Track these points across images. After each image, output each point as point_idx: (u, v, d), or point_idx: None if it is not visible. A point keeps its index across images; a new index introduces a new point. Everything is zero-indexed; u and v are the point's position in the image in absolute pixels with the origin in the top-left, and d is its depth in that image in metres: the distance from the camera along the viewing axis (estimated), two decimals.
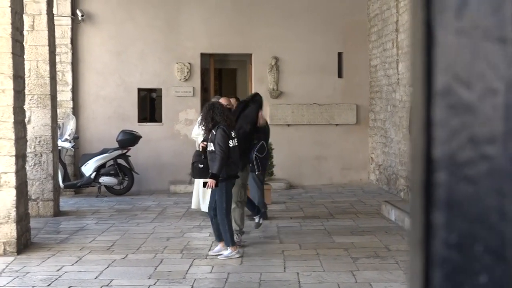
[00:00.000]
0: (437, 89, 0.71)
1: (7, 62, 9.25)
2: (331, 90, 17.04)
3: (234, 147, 9.01)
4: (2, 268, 8.52)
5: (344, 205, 13.60)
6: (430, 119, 0.71)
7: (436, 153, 0.73)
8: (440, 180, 0.73)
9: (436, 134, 0.71)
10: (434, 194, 0.73)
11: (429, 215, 0.73)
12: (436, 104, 0.71)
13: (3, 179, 9.23)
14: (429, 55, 0.72)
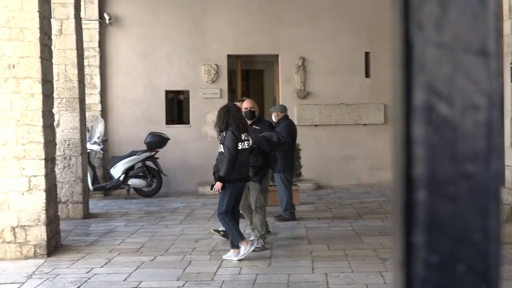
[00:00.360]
0: (417, 105, 0.69)
1: (35, 67, 9.34)
2: (359, 90, 16.96)
3: (244, 150, 8.95)
4: (33, 271, 8.60)
5: (372, 205, 13.52)
6: (410, 136, 0.69)
7: (416, 171, 0.70)
8: (420, 198, 0.71)
9: (416, 151, 0.69)
10: (414, 213, 0.71)
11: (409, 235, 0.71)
12: (415, 121, 0.69)
13: (33, 182, 9.31)
14: (408, 69, 0.70)
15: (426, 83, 0.69)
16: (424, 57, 0.70)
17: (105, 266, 8.81)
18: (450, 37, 0.70)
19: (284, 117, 12.01)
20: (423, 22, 0.70)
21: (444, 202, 0.70)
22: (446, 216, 0.69)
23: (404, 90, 0.70)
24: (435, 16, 0.70)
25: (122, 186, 15.20)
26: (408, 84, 0.70)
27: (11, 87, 9.27)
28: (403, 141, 0.70)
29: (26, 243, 9.28)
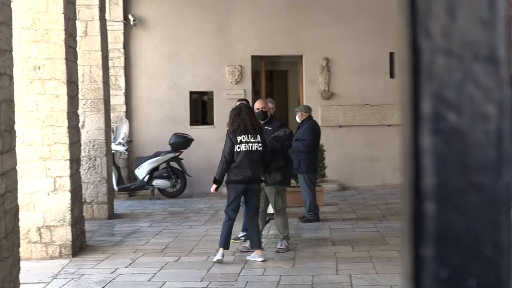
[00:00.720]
0: (425, 114, 0.67)
1: (61, 68, 9.41)
2: (383, 90, 16.86)
3: (241, 152, 8.89)
4: (58, 271, 8.66)
5: (397, 206, 13.44)
6: (418, 146, 0.67)
7: (425, 182, 0.68)
8: (429, 211, 0.68)
9: (424, 162, 0.67)
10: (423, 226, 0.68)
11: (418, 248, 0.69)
12: (424, 131, 0.67)
13: (58, 182, 9.38)
14: (416, 77, 0.68)
15: (435, 91, 0.67)
16: (432, 65, 0.68)
17: (129, 266, 8.85)
18: (459, 44, 0.67)
19: (308, 117, 11.98)
20: (431, 29, 0.68)
21: (454, 214, 0.68)
22: (456, 229, 0.67)
23: (412, 98, 0.68)
24: (443, 23, 0.68)
25: (147, 187, 15.25)
26: (416, 93, 0.68)
27: (37, 89, 9.35)
28: (411, 151, 0.68)
29: (52, 243, 9.35)
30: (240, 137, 8.89)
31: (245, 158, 8.87)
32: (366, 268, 8.41)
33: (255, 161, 8.94)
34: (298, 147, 11.75)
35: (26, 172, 9.27)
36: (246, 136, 8.89)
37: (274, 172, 9.35)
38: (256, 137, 8.95)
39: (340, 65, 16.75)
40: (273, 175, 9.36)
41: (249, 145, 8.90)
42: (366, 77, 16.76)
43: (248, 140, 8.90)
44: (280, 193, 9.57)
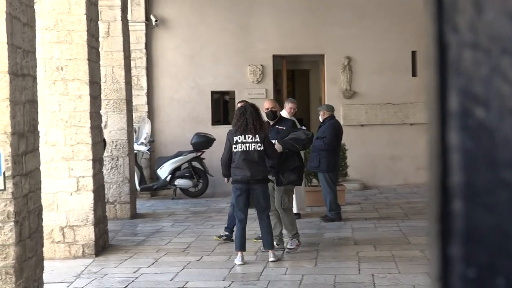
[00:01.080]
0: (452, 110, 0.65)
1: (83, 69, 9.46)
2: (405, 89, 16.78)
3: (237, 152, 8.83)
4: (81, 270, 8.71)
5: (420, 205, 13.37)
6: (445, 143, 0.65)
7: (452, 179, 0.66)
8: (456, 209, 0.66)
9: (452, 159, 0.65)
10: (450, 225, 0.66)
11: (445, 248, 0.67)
12: (451, 127, 0.65)
13: (81, 182, 9.43)
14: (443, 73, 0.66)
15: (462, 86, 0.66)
16: (459, 59, 0.66)
17: (152, 266, 8.88)
18: (486, 38, 0.66)
19: (330, 116, 11.95)
20: (457, 23, 0.66)
21: (482, 212, 0.66)
22: (484, 227, 0.65)
23: (439, 94, 0.66)
24: (470, 17, 0.66)
25: (169, 187, 15.29)
26: (442, 88, 0.66)
27: (60, 89, 9.41)
28: (438, 149, 0.66)
29: (75, 243, 9.40)
30: (236, 137, 8.84)
31: (241, 158, 8.80)
32: (388, 267, 8.37)
33: (253, 161, 8.81)
34: (318, 145, 11.72)
35: (49, 172, 9.33)
36: (243, 136, 8.80)
37: (288, 172, 9.25)
38: (255, 137, 8.81)
39: (362, 64, 16.68)
40: (287, 174, 9.25)
41: (245, 145, 8.81)
42: (388, 76, 16.68)
43: (244, 140, 8.80)
44: (288, 192, 9.49)
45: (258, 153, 8.83)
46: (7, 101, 5.98)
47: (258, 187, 8.87)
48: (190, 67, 16.54)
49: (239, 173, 8.83)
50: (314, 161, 11.84)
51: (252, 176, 8.80)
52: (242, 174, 8.80)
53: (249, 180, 8.81)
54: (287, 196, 9.42)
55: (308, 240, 10.24)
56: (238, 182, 8.86)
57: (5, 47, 5.96)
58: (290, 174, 9.24)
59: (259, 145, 8.83)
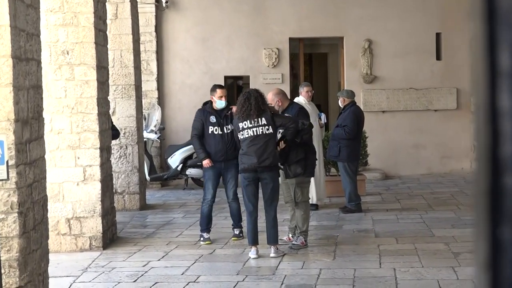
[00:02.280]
0: (503, 68, 0.58)
1: (90, 52, 9.44)
2: (429, 73, 16.68)
3: (246, 138, 8.74)
4: (88, 264, 8.72)
5: (444, 196, 13.32)
6: (495, 108, 0.58)
7: (504, 150, 0.59)
8: (509, 184, 0.60)
9: (503, 126, 0.58)
10: (501, 203, 0.60)
11: (495, 230, 0.61)
12: (502, 88, 0.58)
13: (88, 172, 9.44)
14: (491, 25, 0.59)
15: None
16: (509, 9, 0.59)
17: (162, 259, 8.88)
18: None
19: (351, 103, 11.88)
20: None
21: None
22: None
23: (487, 51, 0.59)
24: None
25: (180, 176, 15.29)
26: (491, 44, 0.59)
27: (65, 74, 9.40)
28: (487, 114, 0.59)
29: (81, 235, 9.42)
30: (242, 124, 8.76)
31: (250, 144, 8.71)
32: (411, 261, 8.33)
33: (262, 146, 8.69)
34: (339, 134, 11.67)
35: (54, 161, 9.35)
36: (248, 121, 8.71)
37: (294, 165, 9.13)
38: (260, 120, 8.70)
39: (383, 47, 16.59)
40: (293, 167, 9.12)
41: (253, 130, 8.71)
42: (411, 60, 16.58)
43: (251, 125, 8.70)
44: (300, 185, 9.24)
45: (267, 137, 8.71)
46: (10, 87, 5.97)
47: (267, 176, 8.76)
48: (202, 51, 16.50)
49: (246, 160, 8.74)
50: (334, 149, 11.79)
51: (260, 163, 8.67)
52: (249, 161, 8.71)
53: (256, 167, 8.70)
54: (299, 189, 9.25)
55: (327, 233, 10.21)
56: (246, 171, 8.79)
57: (8, 29, 5.94)
58: (296, 167, 9.12)
59: (266, 128, 8.71)
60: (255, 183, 8.85)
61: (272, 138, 8.78)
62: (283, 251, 8.95)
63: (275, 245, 8.86)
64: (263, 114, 8.72)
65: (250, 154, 8.69)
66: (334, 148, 11.78)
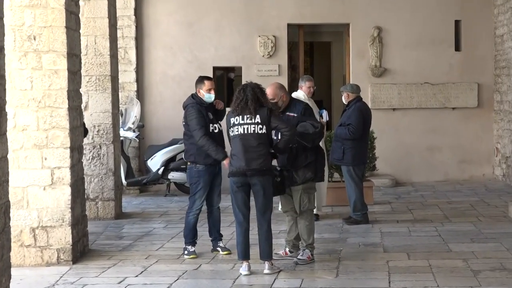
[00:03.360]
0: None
1: (60, 38, 9.43)
2: (447, 66, 16.72)
3: (235, 137, 8.71)
4: (56, 280, 8.71)
5: (462, 206, 13.34)
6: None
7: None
8: None
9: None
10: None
11: None
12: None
13: (56, 175, 9.43)
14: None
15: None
16: None
17: (140, 275, 8.88)
18: None
19: (356, 98, 11.90)
20: None
21: None
22: None
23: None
24: None
25: (161, 181, 15.29)
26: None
27: (32, 63, 9.38)
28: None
29: (48, 247, 9.41)
30: (233, 119, 8.72)
31: (238, 145, 8.65)
32: (424, 280, 8.35)
33: (249, 147, 8.63)
34: (342, 134, 11.68)
35: (18, 162, 9.33)
36: (241, 117, 8.67)
37: (302, 169, 9.12)
38: (254, 117, 8.63)
39: (395, 36, 16.62)
40: (301, 172, 9.11)
41: (243, 127, 8.66)
42: (426, 50, 16.62)
43: (242, 121, 8.66)
44: (308, 190, 9.23)
45: (258, 137, 8.64)
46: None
47: (257, 182, 8.67)
48: (187, 38, 16.51)
49: (234, 163, 8.70)
50: (337, 152, 11.79)
51: (248, 166, 8.60)
52: (237, 164, 8.67)
53: (245, 172, 8.65)
54: (307, 195, 9.22)
55: (328, 247, 10.22)
56: (234, 175, 8.74)
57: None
58: (305, 171, 9.10)
59: (260, 127, 8.64)
60: (245, 190, 8.81)
61: (265, 139, 8.72)
62: (278, 267, 8.94)
63: (269, 260, 8.85)
64: (260, 110, 8.71)
65: (239, 156, 8.67)
66: (338, 150, 11.79)
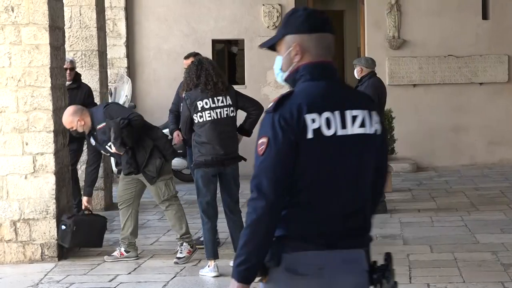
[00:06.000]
0: None
1: (41, 9, 9.43)
2: (473, 36, 16.69)
3: (205, 123, 8.60)
4: (40, 278, 8.75)
5: (492, 192, 13.36)
6: None
7: None
8: None
9: None
10: None
11: None
12: None
13: (39, 162, 9.44)
14: None
15: None
16: None
17: (133, 272, 8.92)
18: None
19: (370, 74, 11.90)
20: None
21: None
22: None
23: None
24: None
25: None
26: None
27: (10, 37, 9.39)
28: None
29: (31, 242, 9.44)
30: (201, 102, 8.61)
31: (212, 132, 8.58)
32: (449, 274, 8.38)
33: (226, 133, 8.66)
34: None
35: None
36: (211, 99, 8.62)
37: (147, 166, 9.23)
38: (226, 99, 8.68)
39: (415, 3, 16.60)
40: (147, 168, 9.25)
41: (215, 111, 8.63)
42: (450, 19, 16.59)
43: (213, 105, 8.62)
44: (161, 179, 9.33)
45: (232, 121, 8.75)
46: None
47: (231, 170, 8.75)
48: (183, 8, 16.50)
49: (208, 151, 8.60)
50: None
51: (226, 154, 8.63)
52: (213, 152, 8.59)
53: (223, 160, 8.65)
54: (163, 183, 9.35)
55: None
56: (209, 165, 8.66)
57: None
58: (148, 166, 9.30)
59: (231, 109, 8.72)
60: (215, 181, 8.83)
61: (236, 123, 8.86)
62: None
63: None
64: (230, 91, 8.80)
65: (213, 143, 8.61)
66: None
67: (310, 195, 3.54)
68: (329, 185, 3.56)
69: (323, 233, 3.57)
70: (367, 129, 3.60)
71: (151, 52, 16.57)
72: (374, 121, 3.63)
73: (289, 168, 3.48)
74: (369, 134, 3.61)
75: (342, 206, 3.58)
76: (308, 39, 3.65)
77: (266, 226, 3.50)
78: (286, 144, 3.47)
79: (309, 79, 3.61)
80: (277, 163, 3.47)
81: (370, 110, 3.65)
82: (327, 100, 3.56)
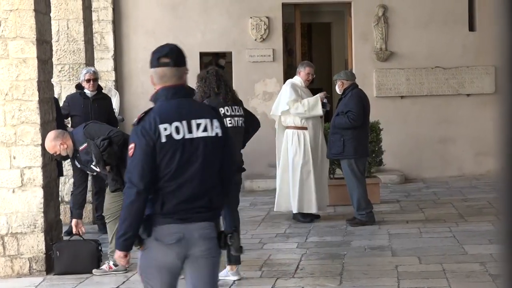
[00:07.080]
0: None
1: (28, 23, 9.42)
2: (460, 48, 16.74)
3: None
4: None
5: (480, 203, 13.38)
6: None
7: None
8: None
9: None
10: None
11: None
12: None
13: (27, 176, 9.42)
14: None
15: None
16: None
17: (122, 286, 8.92)
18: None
19: (352, 85, 11.92)
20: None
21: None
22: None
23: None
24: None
25: None
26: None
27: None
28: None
29: (19, 256, 9.41)
30: (222, 109, 8.65)
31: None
32: (437, 285, 8.39)
33: (239, 142, 8.82)
34: (341, 123, 11.65)
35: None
36: (231, 108, 8.79)
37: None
38: (240, 110, 8.92)
39: (402, 15, 16.64)
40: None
41: (234, 119, 8.80)
42: (437, 31, 16.63)
43: (232, 113, 8.80)
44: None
45: (242, 131, 8.98)
46: None
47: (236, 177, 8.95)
48: (171, 21, 16.51)
49: None
50: (336, 145, 11.74)
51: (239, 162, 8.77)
52: None
53: (239, 168, 8.77)
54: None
55: (331, 251, 10.25)
56: None
57: None
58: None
59: (243, 121, 8.94)
60: None
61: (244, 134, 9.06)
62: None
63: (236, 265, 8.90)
64: (241, 103, 9.02)
65: None
66: (337, 143, 11.73)
67: (169, 183, 4.94)
68: (182, 175, 4.95)
69: (179, 211, 4.95)
70: (209, 132, 5.02)
71: (139, 64, 16.57)
72: (214, 127, 5.04)
73: (151, 164, 4.89)
74: (211, 136, 5.02)
75: (192, 190, 4.97)
76: (160, 70, 5.39)
77: (137, 207, 4.89)
78: (147, 147, 4.88)
79: (164, 99, 5.06)
80: (142, 161, 4.88)
81: (212, 118, 5.07)
82: (176, 113, 4.96)
